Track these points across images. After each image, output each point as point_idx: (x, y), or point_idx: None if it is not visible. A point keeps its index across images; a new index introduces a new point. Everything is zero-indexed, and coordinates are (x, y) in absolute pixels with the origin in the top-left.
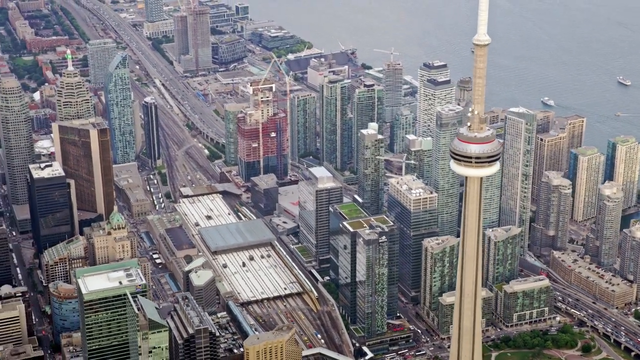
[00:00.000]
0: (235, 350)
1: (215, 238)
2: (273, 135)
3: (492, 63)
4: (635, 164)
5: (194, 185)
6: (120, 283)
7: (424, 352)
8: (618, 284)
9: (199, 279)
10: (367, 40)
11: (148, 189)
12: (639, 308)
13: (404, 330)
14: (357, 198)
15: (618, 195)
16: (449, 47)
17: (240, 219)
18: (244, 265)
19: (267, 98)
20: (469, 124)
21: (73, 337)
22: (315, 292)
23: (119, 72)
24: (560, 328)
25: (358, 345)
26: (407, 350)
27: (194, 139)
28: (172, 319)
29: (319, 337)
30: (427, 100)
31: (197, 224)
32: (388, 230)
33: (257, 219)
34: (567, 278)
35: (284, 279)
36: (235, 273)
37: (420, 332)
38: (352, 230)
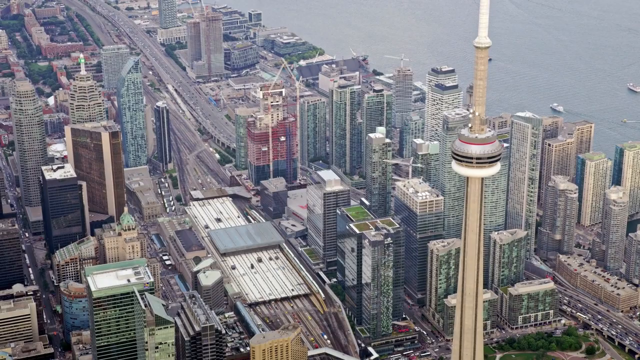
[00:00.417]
0: (242, 349)
1: (225, 240)
2: (283, 140)
3: (503, 69)
4: None
5: (205, 189)
6: (129, 281)
7: (429, 353)
8: (623, 288)
9: (207, 279)
10: (379, 48)
11: (159, 192)
12: None
13: (409, 332)
14: (364, 201)
15: (624, 200)
16: (460, 53)
17: (250, 222)
18: (253, 267)
19: (276, 102)
20: (470, 126)
21: (83, 335)
22: (322, 293)
23: (132, 76)
24: (565, 331)
25: (363, 346)
26: (412, 351)
27: (205, 144)
28: (179, 317)
29: (325, 337)
30: (434, 105)
31: (206, 227)
32: (394, 232)
33: (265, 222)
34: (572, 281)
35: (292, 281)
36: (244, 274)
37: (426, 333)
38: (358, 232)
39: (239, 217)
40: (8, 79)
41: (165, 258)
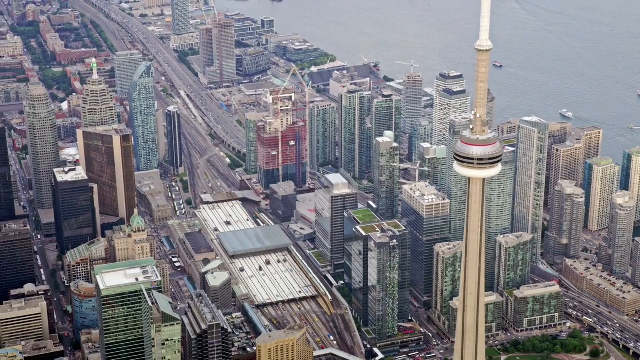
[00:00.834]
0: (249, 349)
1: (233, 242)
2: (292, 144)
3: (513, 76)
4: None
5: (215, 192)
6: (137, 279)
7: (434, 354)
8: (629, 292)
9: (215, 280)
10: (390, 54)
11: (170, 196)
12: None
13: (415, 333)
14: (371, 204)
15: (630, 204)
16: (471, 60)
17: (259, 225)
18: (261, 269)
19: (286, 107)
20: (472, 127)
21: (92, 334)
22: (329, 295)
23: (144, 81)
24: (570, 333)
25: (369, 347)
26: (417, 353)
27: (216, 148)
28: (186, 316)
29: (332, 338)
30: (442, 110)
31: (216, 229)
32: (399, 235)
33: (274, 225)
34: (579, 285)
35: (299, 283)
36: (252, 276)
37: (431, 335)
38: (364, 234)
39: (248, 220)
40: (23, 84)
41: (175, 260)
